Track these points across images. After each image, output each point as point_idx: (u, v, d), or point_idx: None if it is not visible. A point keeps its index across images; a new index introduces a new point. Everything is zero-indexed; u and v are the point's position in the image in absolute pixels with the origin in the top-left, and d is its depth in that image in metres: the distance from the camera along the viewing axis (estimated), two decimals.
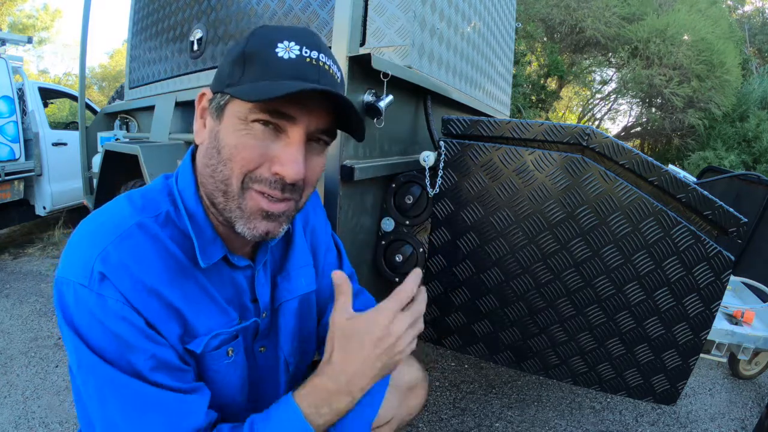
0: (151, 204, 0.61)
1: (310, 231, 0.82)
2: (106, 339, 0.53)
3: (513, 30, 3.03)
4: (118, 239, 0.55)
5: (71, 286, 0.54)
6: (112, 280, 0.53)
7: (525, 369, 1.16)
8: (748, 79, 9.06)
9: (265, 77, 0.56)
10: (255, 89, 0.54)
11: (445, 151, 1.09)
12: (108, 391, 0.54)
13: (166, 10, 2.10)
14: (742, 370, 2.20)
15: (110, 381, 0.53)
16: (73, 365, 0.56)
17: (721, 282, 0.95)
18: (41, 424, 1.63)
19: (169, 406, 0.56)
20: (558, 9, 8.86)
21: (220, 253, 0.63)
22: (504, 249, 1.08)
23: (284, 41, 0.57)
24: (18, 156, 3.41)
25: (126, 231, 0.56)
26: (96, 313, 0.53)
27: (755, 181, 2.24)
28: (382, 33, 1.32)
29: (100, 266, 0.53)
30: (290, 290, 0.75)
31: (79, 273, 0.54)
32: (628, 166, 0.98)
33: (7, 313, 2.56)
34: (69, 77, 19.29)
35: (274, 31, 0.59)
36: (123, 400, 0.54)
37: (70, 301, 0.54)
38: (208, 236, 0.62)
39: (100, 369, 0.53)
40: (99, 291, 0.53)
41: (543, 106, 10.10)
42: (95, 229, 0.57)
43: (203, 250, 0.61)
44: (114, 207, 0.60)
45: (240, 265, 0.66)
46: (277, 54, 0.56)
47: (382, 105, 1.01)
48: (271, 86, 0.54)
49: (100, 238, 0.55)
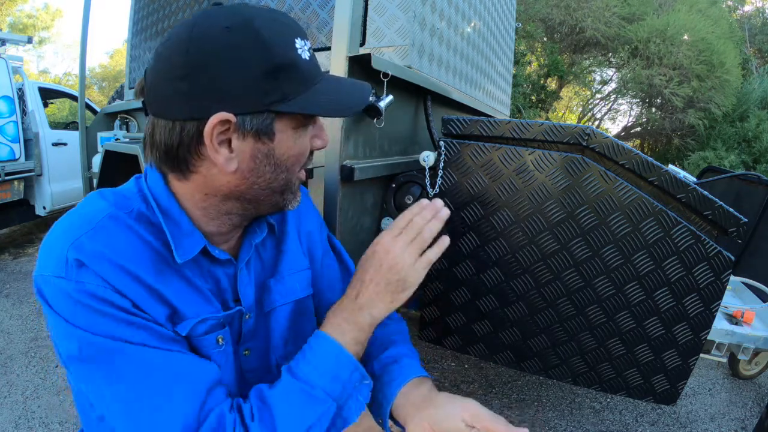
0: (123, 200, 0.59)
1: (306, 235, 0.80)
2: (97, 320, 0.52)
3: (513, 30, 3.03)
4: (92, 231, 0.54)
5: (48, 281, 0.52)
6: (90, 266, 0.52)
7: (525, 369, 1.16)
8: (748, 79, 9.06)
9: (307, 85, 0.58)
10: (317, 102, 0.58)
11: (445, 151, 1.09)
12: (114, 367, 0.52)
13: (166, 10, 2.10)
14: (742, 370, 2.20)
15: (112, 355, 0.52)
16: (71, 360, 0.54)
17: (721, 282, 0.95)
18: (41, 424, 1.63)
19: (179, 363, 0.55)
20: (558, 9, 8.86)
21: (200, 244, 0.60)
22: (504, 249, 1.08)
23: (294, 40, 0.57)
24: (18, 156, 3.41)
25: (99, 222, 0.55)
26: (80, 299, 0.51)
27: (755, 181, 2.24)
28: (382, 33, 1.32)
29: (75, 254, 0.52)
30: (284, 294, 0.73)
31: (54, 266, 0.52)
32: (628, 166, 0.98)
33: (7, 313, 2.56)
34: (69, 77, 19.29)
35: (279, 27, 0.56)
36: (132, 370, 0.53)
37: (50, 295, 0.53)
38: (184, 229, 0.60)
39: (100, 347, 0.52)
40: (77, 279, 0.52)
41: (543, 106, 10.10)
42: (67, 225, 0.56)
43: (179, 243, 0.58)
44: (85, 203, 0.59)
45: (221, 258, 0.64)
46: (301, 56, 0.57)
47: (382, 105, 1.01)
48: (331, 95, 0.59)
49: (73, 232, 0.54)
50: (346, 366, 0.63)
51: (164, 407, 0.53)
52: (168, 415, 0.53)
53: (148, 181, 0.62)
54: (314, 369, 0.62)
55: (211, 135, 0.54)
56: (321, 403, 0.60)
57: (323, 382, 0.61)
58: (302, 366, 0.62)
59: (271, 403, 0.58)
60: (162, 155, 0.58)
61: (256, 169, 0.58)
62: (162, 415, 0.53)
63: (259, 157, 0.58)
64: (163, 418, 0.53)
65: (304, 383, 0.60)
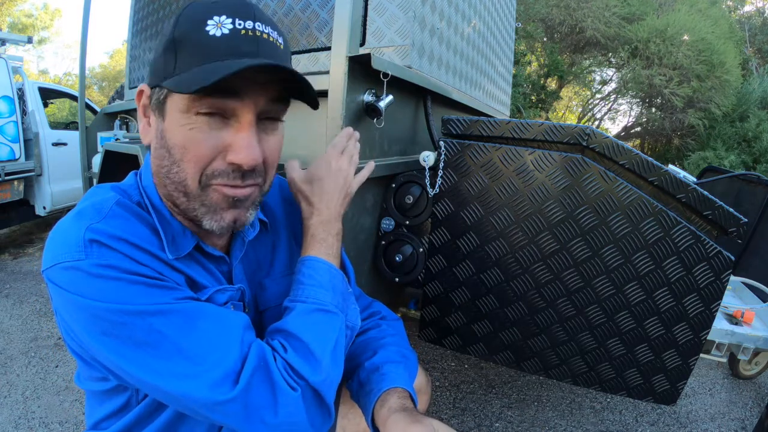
0: (125, 193, 0.60)
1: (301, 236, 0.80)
2: (123, 289, 0.50)
3: (513, 30, 3.03)
4: (104, 219, 0.53)
5: (66, 268, 0.50)
6: (110, 245, 0.51)
7: (525, 369, 1.16)
8: (748, 79, 9.06)
9: (199, 62, 0.51)
10: (189, 79, 0.50)
11: (445, 151, 1.09)
12: (155, 327, 0.51)
13: (166, 10, 2.10)
14: (742, 370, 2.20)
15: (149, 316, 0.51)
16: (105, 333, 0.51)
17: (721, 282, 0.95)
18: (41, 424, 1.63)
19: (213, 309, 0.56)
20: (558, 9, 8.86)
21: (192, 242, 0.60)
22: (504, 249, 1.08)
23: (214, 17, 0.52)
24: (18, 156, 3.41)
25: (109, 210, 0.54)
26: (105, 274, 0.50)
27: (755, 181, 2.23)
28: (382, 33, 1.32)
29: (92, 235, 0.51)
30: (279, 295, 0.72)
31: (71, 251, 0.50)
32: (628, 166, 0.98)
33: (7, 313, 2.56)
34: (69, 77, 19.29)
35: (204, 7, 0.53)
36: (173, 323, 0.52)
37: (70, 282, 0.50)
38: (176, 229, 0.60)
39: (136, 312, 0.50)
40: (99, 256, 0.50)
41: (543, 106, 10.10)
42: (77, 216, 0.54)
43: (170, 241, 0.58)
44: (91, 195, 0.58)
45: (214, 254, 0.64)
46: (209, 33, 0.51)
47: (382, 105, 1.01)
48: (204, 72, 0.49)
49: (84, 220, 0.52)
50: (338, 278, 0.67)
51: (214, 344, 0.53)
52: (218, 352, 0.53)
53: (143, 181, 0.62)
54: (318, 288, 0.64)
55: (138, 102, 0.58)
56: (335, 316, 0.63)
57: (327, 296, 0.64)
58: (306, 290, 0.64)
59: (296, 331, 0.60)
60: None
61: (158, 149, 0.57)
62: (213, 353, 0.52)
63: (159, 137, 0.56)
64: (215, 356, 0.52)
65: (314, 302, 0.63)
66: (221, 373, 0.52)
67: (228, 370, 0.52)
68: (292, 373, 0.57)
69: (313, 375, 0.57)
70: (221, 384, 0.52)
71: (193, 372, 0.51)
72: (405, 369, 0.74)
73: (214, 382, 0.52)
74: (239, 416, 0.53)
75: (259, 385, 0.53)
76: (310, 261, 0.67)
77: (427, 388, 0.94)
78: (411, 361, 0.80)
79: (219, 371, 0.52)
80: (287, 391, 0.55)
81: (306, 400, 0.56)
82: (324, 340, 0.60)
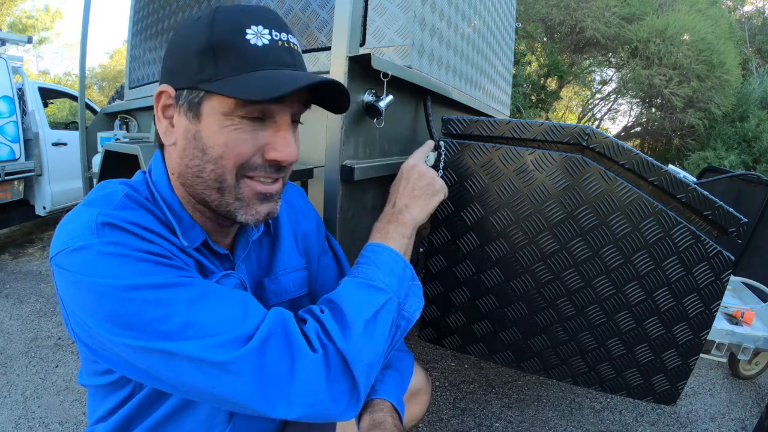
0: (133, 188, 0.61)
1: (302, 236, 0.80)
2: (136, 266, 0.50)
3: (513, 30, 3.02)
4: (115, 208, 0.54)
5: (77, 251, 0.50)
6: (122, 226, 0.51)
7: (525, 369, 1.16)
8: (748, 79, 9.06)
9: (245, 68, 0.54)
10: (246, 85, 0.52)
11: (445, 151, 1.09)
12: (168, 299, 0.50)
13: (166, 10, 2.10)
14: (742, 370, 2.20)
15: (164, 289, 0.50)
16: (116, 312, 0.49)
17: (721, 282, 0.95)
18: (41, 424, 1.63)
19: (221, 288, 0.56)
20: (558, 9, 8.86)
21: (201, 237, 0.62)
22: (504, 249, 1.08)
23: (251, 26, 0.55)
24: (18, 156, 3.41)
25: (119, 201, 0.56)
26: (119, 251, 0.50)
27: (755, 181, 2.23)
28: (382, 33, 1.32)
29: (104, 218, 0.51)
30: (278, 294, 0.73)
31: (82, 234, 0.50)
32: (628, 166, 0.98)
33: (7, 313, 2.56)
34: (69, 77, 19.29)
35: (238, 15, 0.55)
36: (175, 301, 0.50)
37: (81, 265, 0.49)
38: (186, 223, 0.61)
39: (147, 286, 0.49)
40: (111, 235, 0.50)
41: (543, 106, 10.10)
42: (87, 205, 0.55)
43: (185, 233, 0.60)
44: (100, 188, 0.59)
45: (220, 252, 0.65)
46: (249, 41, 0.54)
47: (382, 105, 1.01)
48: (262, 80, 0.53)
49: (95, 208, 0.53)
50: (398, 262, 0.69)
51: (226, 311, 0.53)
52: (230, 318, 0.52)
53: (153, 175, 0.63)
54: (369, 266, 0.67)
55: (157, 104, 0.58)
56: (382, 293, 0.63)
57: (380, 275, 0.65)
58: (358, 269, 0.67)
59: (337, 300, 0.61)
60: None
61: (187, 150, 0.58)
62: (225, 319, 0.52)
63: (189, 137, 0.58)
64: (227, 320, 0.52)
65: (364, 278, 0.65)
66: (233, 335, 0.51)
67: (241, 332, 0.51)
68: (322, 334, 0.56)
69: (341, 340, 0.56)
70: (232, 341, 0.50)
71: (203, 335, 0.50)
72: (392, 377, 0.75)
73: (226, 340, 0.50)
74: (252, 381, 0.50)
75: (276, 348, 0.52)
76: (373, 246, 0.71)
77: (427, 388, 0.94)
78: (403, 362, 0.80)
79: (231, 333, 0.51)
80: (306, 352, 0.53)
81: (328, 365, 0.54)
82: (361, 310, 0.60)
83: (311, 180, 1.28)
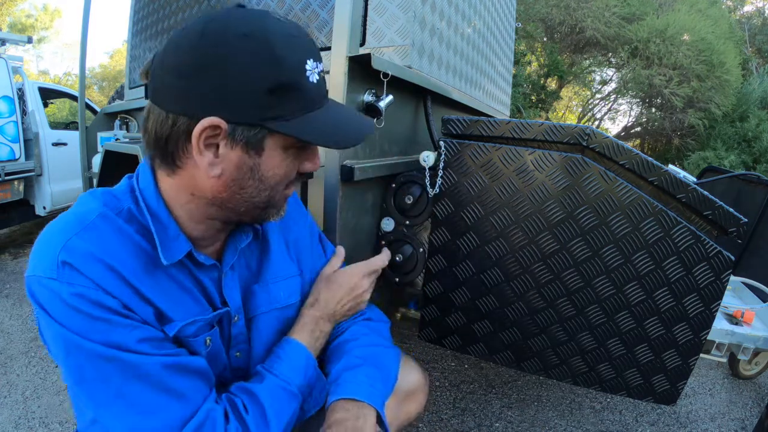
0: (113, 200, 0.60)
1: (294, 242, 0.80)
2: (89, 325, 0.53)
3: (513, 30, 3.02)
4: (82, 231, 0.55)
5: (41, 282, 0.53)
6: (80, 269, 0.53)
7: (525, 369, 1.16)
8: (748, 79, 9.06)
9: (308, 108, 0.57)
10: (317, 129, 0.57)
11: (445, 151, 1.09)
12: (105, 373, 0.54)
13: (166, 10, 2.10)
14: (742, 370, 2.20)
15: (104, 361, 0.53)
16: (62, 361, 0.55)
17: (721, 282, 0.95)
18: (41, 424, 1.63)
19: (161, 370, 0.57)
20: (558, 9, 8.86)
21: (185, 248, 0.61)
22: (504, 249, 1.08)
23: (307, 61, 0.56)
24: (18, 156, 3.41)
25: (90, 223, 0.56)
26: (70, 302, 0.52)
27: (755, 181, 2.23)
28: (382, 33, 1.32)
29: (65, 256, 0.53)
30: (269, 301, 0.73)
31: (46, 267, 0.53)
32: (628, 166, 0.98)
33: (7, 313, 2.56)
34: (69, 77, 19.28)
35: (295, 46, 0.55)
36: (123, 377, 0.54)
37: (42, 297, 0.54)
38: (170, 233, 0.60)
39: (91, 352, 0.53)
40: (69, 281, 0.53)
41: (543, 106, 10.11)
42: (59, 226, 0.57)
43: (165, 246, 0.59)
44: (78, 204, 0.60)
45: (206, 264, 0.65)
46: (309, 79, 0.57)
47: (382, 105, 1.01)
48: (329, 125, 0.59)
49: (64, 232, 0.55)
50: (311, 366, 0.74)
51: (154, 411, 0.56)
52: (158, 418, 0.56)
53: (140, 182, 0.62)
54: (290, 369, 0.70)
55: (199, 137, 0.54)
56: (296, 399, 0.69)
57: (298, 380, 0.70)
58: (280, 367, 0.70)
59: (261, 399, 0.64)
60: (152, 143, 0.58)
61: (240, 180, 0.58)
62: (152, 419, 0.56)
63: (244, 169, 0.58)
64: (153, 421, 0.56)
65: (285, 381, 0.69)
66: (160, 426, 0.56)
67: (169, 426, 0.56)
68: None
69: None
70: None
71: (132, 420, 0.55)
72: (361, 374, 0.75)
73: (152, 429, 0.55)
74: None
75: None
76: (293, 343, 0.74)
77: (424, 387, 0.94)
78: (386, 357, 0.81)
79: (159, 424, 0.55)
80: None
81: None
82: (282, 418, 0.65)
83: (311, 180, 1.27)
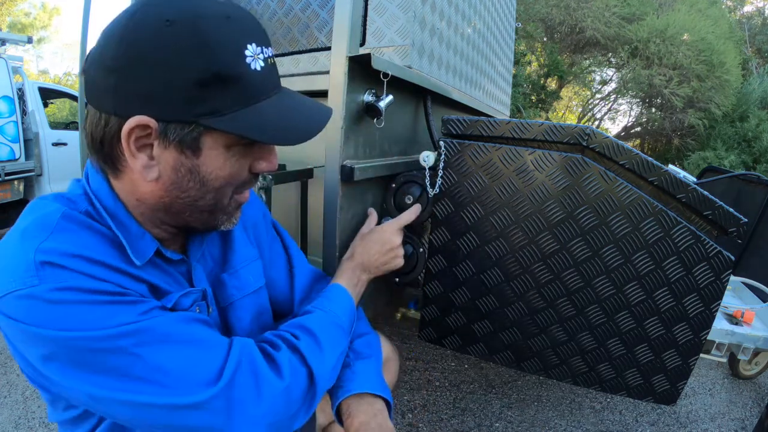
0: (68, 203, 0.55)
1: (252, 226, 0.79)
2: (86, 315, 0.47)
3: (513, 30, 3.02)
4: (51, 235, 0.49)
5: (18, 298, 0.46)
6: (63, 265, 0.47)
7: (525, 369, 1.16)
8: (748, 79, 9.06)
9: (250, 101, 0.51)
10: (259, 124, 0.51)
11: (445, 151, 1.09)
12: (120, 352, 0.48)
13: None
14: (742, 370, 2.20)
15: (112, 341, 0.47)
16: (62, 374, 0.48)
17: (721, 282, 0.95)
18: (41, 424, 1.63)
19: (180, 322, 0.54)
20: (558, 9, 8.86)
21: (153, 247, 0.57)
22: (504, 249, 1.08)
23: (247, 46, 0.50)
24: (18, 156, 3.41)
25: (56, 225, 0.50)
26: (65, 298, 0.46)
27: (755, 181, 2.24)
28: (382, 33, 1.32)
29: (43, 257, 0.47)
30: (240, 288, 0.72)
31: (21, 279, 0.46)
32: (628, 166, 0.98)
33: None
34: (69, 77, 19.27)
35: (232, 32, 0.49)
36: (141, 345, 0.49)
37: (23, 313, 0.46)
38: (134, 232, 0.56)
39: (99, 340, 0.47)
40: (54, 278, 0.46)
41: (543, 106, 10.11)
42: (21, 236, 0.50)
43: (133, 246, 0.55)
44: (30, 211, 0.53)
45: (174, 259, 0.62)
46: (250, 66, 0.50)
47: (382, 105, 1.01)
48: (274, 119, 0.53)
49: (31, 240, 0.48)
50: (353, 311, 0.78)
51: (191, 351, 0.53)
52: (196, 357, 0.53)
53: (91, 183, 0.57)
54: (339, 307, 0.74)
55: (128, 137, 0.49)
56: (346, 336, 0.72)
57: (346, 318, 0.73)
58: (330, 304, 0.73)
59: (313, 329, 0.65)
60: (90, 146, 0.54)
61: (179, 183, 0.54)
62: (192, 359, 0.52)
63: (182, 171, 0.53)
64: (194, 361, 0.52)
65: (335, 316, 0.71)
66: (202, 374, 0.52)
67: (209, 370, 0.53)
68: (298, 361, 0.60)
69: (317, 366, 0.61)
70: (203, 384, 0.52)
71: (174, 381, 0.51)
72: (375, 364, 0.79)
73: (197, 383, 0.52)
74: (223, 414, 0.52)
75: (243, 381, 0.54)
76: (337, 287, 0.79)
77: (394, 355, 1.03)
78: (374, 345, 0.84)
79: (200, 373, 0.52)
80: (272, 381, 0.57)
81: (294, 391, 0.58)
82: (334, 347, 0.66)
83: (311, 180, 1.28)
